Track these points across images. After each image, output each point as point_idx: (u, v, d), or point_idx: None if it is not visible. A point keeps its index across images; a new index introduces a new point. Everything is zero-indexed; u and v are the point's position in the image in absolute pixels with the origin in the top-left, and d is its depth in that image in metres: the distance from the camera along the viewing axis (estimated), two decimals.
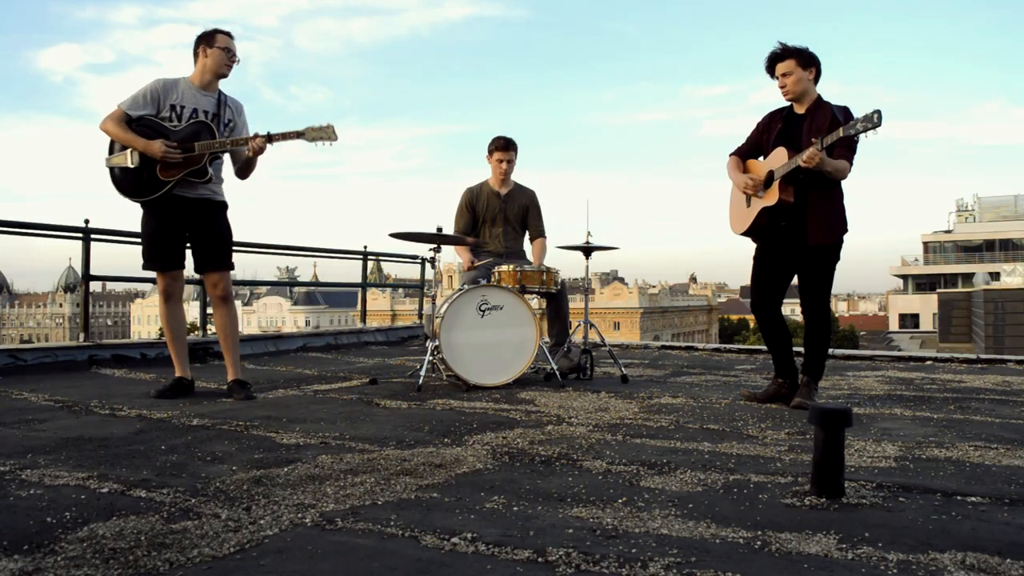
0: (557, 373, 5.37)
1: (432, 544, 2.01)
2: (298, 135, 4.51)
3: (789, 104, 4.52)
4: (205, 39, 4.59)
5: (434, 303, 5.43)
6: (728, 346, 9.12)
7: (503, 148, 6.17)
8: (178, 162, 4.42)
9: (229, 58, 4.59)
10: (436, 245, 5.39)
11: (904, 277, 65.22)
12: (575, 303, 6.30)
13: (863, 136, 4.00)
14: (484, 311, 5.19)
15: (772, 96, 6.40)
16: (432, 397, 4.71)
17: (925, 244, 64.73)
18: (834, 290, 4.60)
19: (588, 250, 5.79)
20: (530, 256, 6.30)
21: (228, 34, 4.62)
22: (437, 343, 5.07)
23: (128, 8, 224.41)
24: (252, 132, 4.61)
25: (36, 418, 3.85)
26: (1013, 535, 2.16)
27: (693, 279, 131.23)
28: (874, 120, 3.88)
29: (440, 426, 3.75)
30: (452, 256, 6.09)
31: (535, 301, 5.88)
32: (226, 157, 4.70)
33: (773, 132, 4.52)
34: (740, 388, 5.26)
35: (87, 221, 6.59)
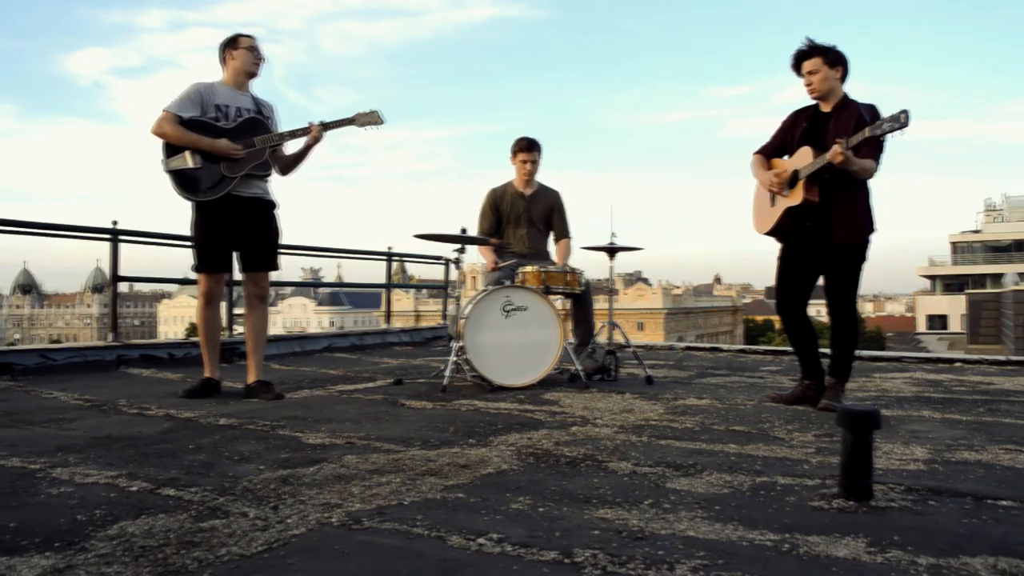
0: (582, 374, 5.36)
1: (458, 544, 2.02)
2: (349, 122, 4.66)
3: (815, 103, 4.48)
4: (228, 44, 4.66)
5: (458, 304, 5.44)
6: (753, 347, 9.07)
7: (526, 149, 6.17)
8: (242, 158, 4.49)
9: (256, 56, 4.66)
10: (460, 246, 5.40)
11: (932, 278, 64.58)
12: (599, 304, 6.29)
13: (890, 136, 3.96)
14: (508, 312, 5.19)
15: (797, 95, 6.36)
16: (457, 398, 4.72)
17: (953, 244, 64.04)
18: (860, 291, 4.56)
19: (612, 251, 5.78)
20: (554, 257, 6.30)
21: (250, 36, 4.68)
22: (462, 344, 5.08)
23: (155, 12, 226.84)
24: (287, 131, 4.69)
25: (66, 417, 3.90)
26: None
27: (717, 280, 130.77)
28: (901, 120, 3.85)
29: (465, 427, 3.76)
30: (476, 257, 6.13)
31: (559, 302, 5.88)
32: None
33: (798, 131, 4.49)
34: (766, 390, 5.23)
35: (115, 223, 6.66)
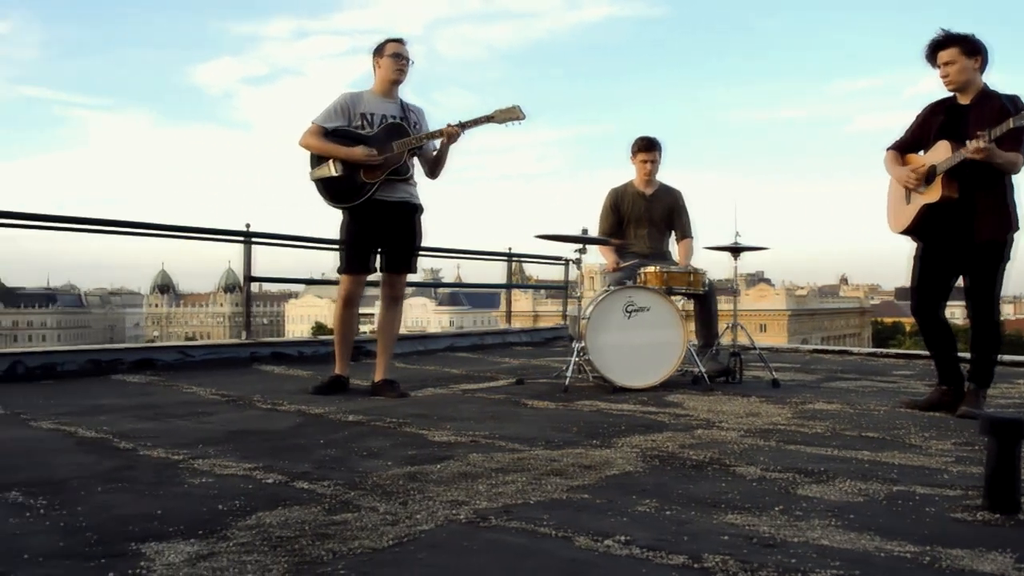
0: (705, 376, 5.27)
1: (585, 545, 2.01)
2: (488, 119, 4.69)
3: (952, 95, 4.29)
4: (376, 51, 4.79)
5: (579, 304, 5.44)
6: (884, 350, 8.74)
7: (646, 148, 6.11)
8: (380, 164, 4.60)
9: (400, 63, 4.75)
10: (581, 246, 5.39)
11: None
12: (721, 304, 6.17)
13: None
14: (630, 313, 5.16)
15: (932, 87, 6.10)
16: (578, 398, 4.72)
17: None
18: (1002, 291, 4.34)
19: (737, 250, 5.67)
20: (676, 257, 6.22)
21: (398, 40, 4.79)
22: (583, 344, 5.07)
23: (280, 22, 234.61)
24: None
25: (204, 411, 4.08)
26: None
27: (844, 280, 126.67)
28: None
29: (588, 427, 3.75)
30: (595, 257, 6.10)
31: (681, 302, 5.80)
32: (416, 161, 4.86)
33: (935, 125, 4.30)
34: (899, 395, 5.04)
35: (248, 225, 6.93)
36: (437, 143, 4.80)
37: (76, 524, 2.15)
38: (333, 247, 4.94)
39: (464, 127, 4.71)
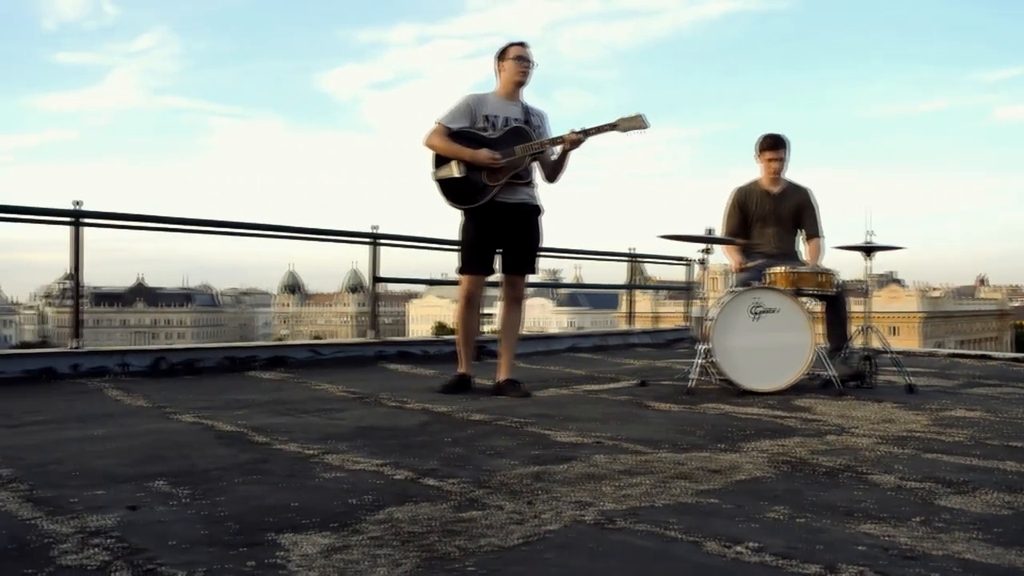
0: (836, 380, 5.10)
1: (715, 551, 1.98)
2: (611, 127, 4.69)
3: None
4: (499, 54, 4.84)
5: (704, 305, 5.35)
6: None
7: (771, 147, 5.95)
8: (502, 167, 4.65)
9: (523, 66, 4.79)
10: (706, 247, 5.30)
11: None
12: (850, 306, 5.96)
13: None
14: (757, 314, 5.04)
15: None
16: (703, 401, 4.64)
17: None
18: None
19: (869, 249, 5.47)
20: (804, 257, 6.04)
21: (521, 44, 4.83)
22: (708, 346, 4.98)
23: (404, 28, 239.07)
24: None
25: (334, 408, 4.19)
26: None
27: (982, 281, 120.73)
28: None
29: (714, 431, 3.68)
30: (719, 258, 5.98)
31: (810, 304, 5.63)
32: (535, 165, 4.89)
33: None
34: None
35: (375, 227, 7.10)
36: (558, 149, 4.80)
37: (217, 513, 2.25)
38: (455, 248, 4.99)
39: (587, 134, 4.70)
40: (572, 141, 4.70)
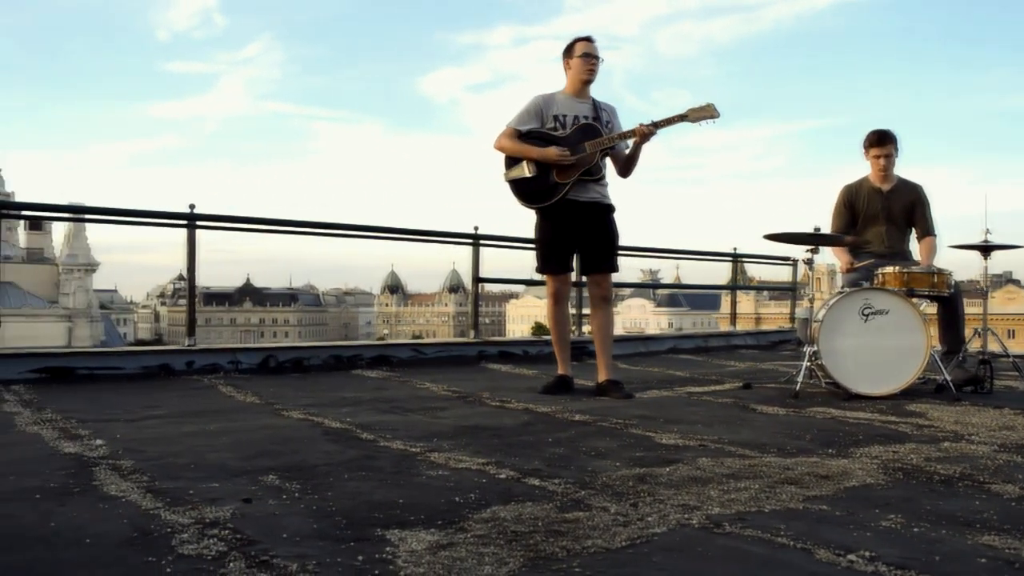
0: (951, 385, 4.91)
1: (826, 559, 1.92)
2: (681, 118, 4.64)
3: None
4: (566, 52, 4.83)
5: (811, 306, 5.22)
6: None
7: (878, 143, 5.76)
8: (572, 164, 4.64)
9: (590, 63, 4.77)
10: (813, 246, 5.17)
11: None
12: (968, 308, 5.72)
13: None
14: (867, 316, 4.89)
15: None
16: (810, 404, 4.53)
17: None
18: None
19: (987, 248, 5.25)
20: (916, 256, 5.83)
21: (587, 39, 4.80)
22: (815, 348, 4.86)
23: (501, 30, 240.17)
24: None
25: (437, 406, 4.25)
26: None
27: None
28: None
29: (822, 435, 3.59)
30: (826, 258, 5.84)
31: (923, 305, 5.43)
32: (608, 162, 4.87)
33: None
34: None
35: (476, 228, 7.16)
36: (630, 142, 4.76)
37: (327, 508, 2.30)
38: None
39: (657, 127, 4.65)
40: (642, 134, 4.65)
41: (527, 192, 4.76)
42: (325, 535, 2.06)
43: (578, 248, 4.86)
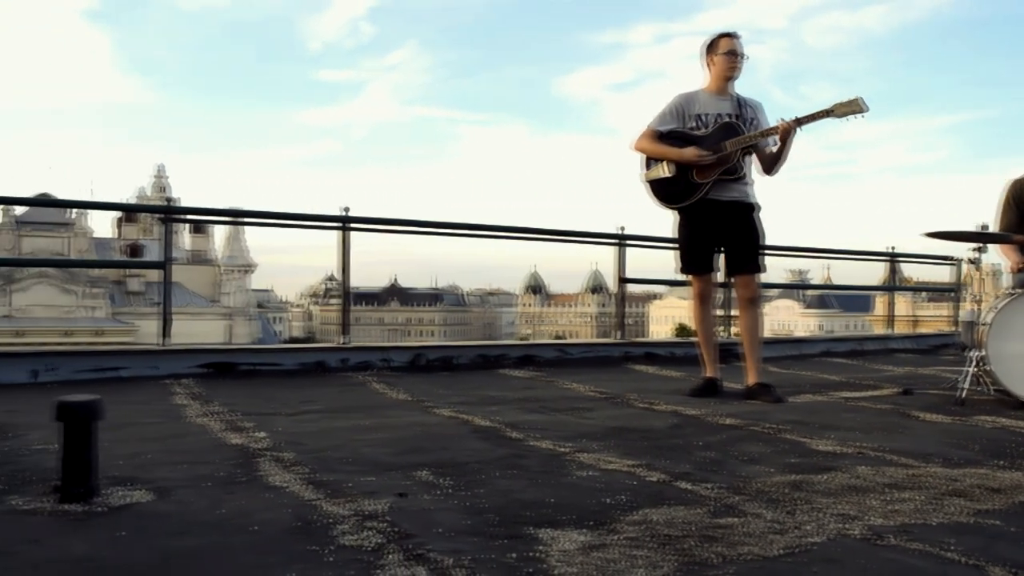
0: None
1: None
2: (826, 114, 4.45)
3: None
4: (709, 48, 4.71)
5: (976, 308, 4.94)
6: None
7: None
8: (711, 164, 4.56)
9: (733, 60, 4.64)
10: (979, 245, 4.89)
11: None
12: None
13: None
14: None
15: None
16: (977, 413, 4.28)
17: None
18: None
19: None
20: None
21: (731, 35, 4.67)
22: (982, 353, 4.59)
23: (643, 28, 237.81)
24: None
25: (584, 407, 4.24)
26: None
27: None
28: None
29: (991, 446, 3.39)
30: (989, 257, 5.49)
31: None
32: (752, 159, 4.75)
33: None
34: None
35: (622, 228, 7.11)
36: (774, 140, 4.60)
37: (479, 505, 2.33)
38: None
39: (800, 123, 4.47)
40: (785, 131, 4.49)
41: (665, 193, 4.69)
42: (478, 531, 2.09)
43: (721, 248, 4.76)
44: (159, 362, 5.18)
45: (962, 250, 5.05)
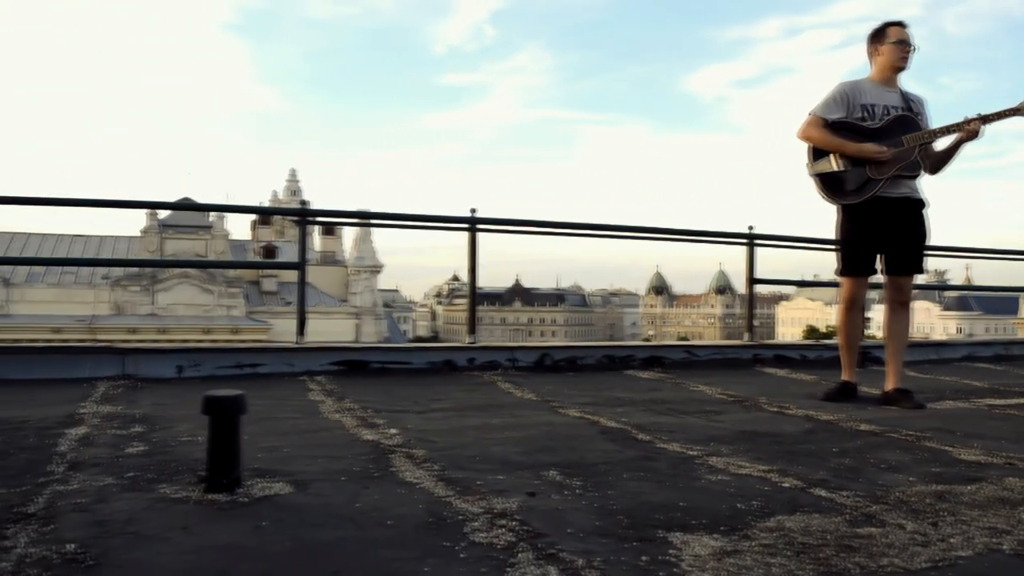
0: None
1: None
2: (1014, 112, 4.25)
3: None
4: (875, 38, 4.51)
5: None
6: None
7: None
8: (889, 159, 4.37)
9: (903, 50, 4.44)
10: None
11: None
12: None
13: None
14: None
15: None
16: None
17: None
18: None
19: None
20: None
21: (900, 24, 4.47)
22: None
23: (770, 21, 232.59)
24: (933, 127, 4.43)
25: (713, 410, 4.17)
26: None
27: None
28: None
29: None
30: None
31: None
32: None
33: None
34: None
35: (751, 227, 6.96)
36: (949, 138, 4.38)
37: (608, 506, 2.33)
38: (831, 248, 4.75)
39: (986, 121, 4.25)
40: (971, 132, 4.27)
41: (834, 187, 4.48)
42: (608, 533, 2.09)
43: (884, 248, 4.54)
44: (295, 359, 5.36)
45: None
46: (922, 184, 4.54)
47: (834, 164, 4.40)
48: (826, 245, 7.01)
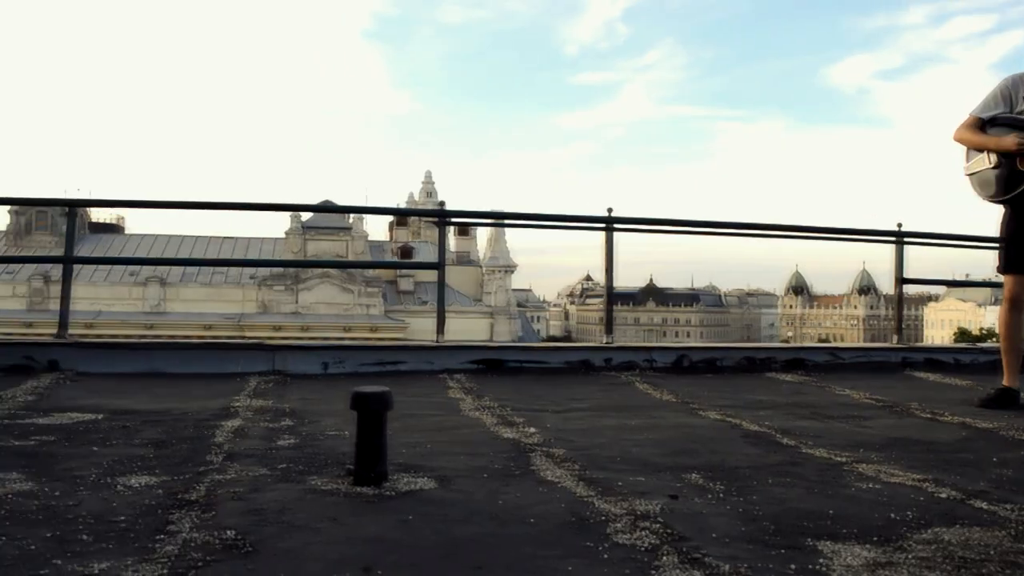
0: None
1: None
2: None
3: None
4: None
5: None
6: None
7: None
8: None
9: None
10: None
11: None
12: None
13: None
14: None
15: None
16: None
17: None
18: None
19: None
20: None
21: None
22: None
23: (917, 8, 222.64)
24: None
25: (860, 415, 4.02)
26: None
27: None
28: None
29: None
30: None
31: None
32: None
33: None
34: None
35: (900, 225, 6.68)
36: None
37: (753, 512, 2.28)
38: (990, 246, 4.49)
39: None
40: None
41: (988, 185, 4.27)
42: (753, 539, 2.04)
43: None
44: (434, 357, 5.47)
45: None
46: None
47: (986, 162, 4.20)
48: (981, 243, 6.66)
